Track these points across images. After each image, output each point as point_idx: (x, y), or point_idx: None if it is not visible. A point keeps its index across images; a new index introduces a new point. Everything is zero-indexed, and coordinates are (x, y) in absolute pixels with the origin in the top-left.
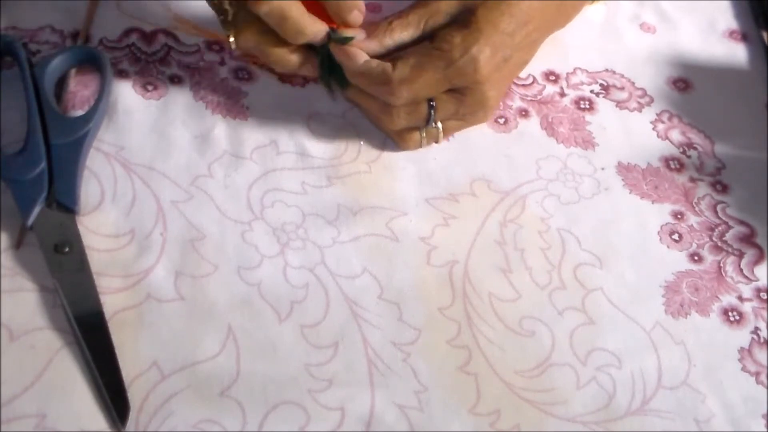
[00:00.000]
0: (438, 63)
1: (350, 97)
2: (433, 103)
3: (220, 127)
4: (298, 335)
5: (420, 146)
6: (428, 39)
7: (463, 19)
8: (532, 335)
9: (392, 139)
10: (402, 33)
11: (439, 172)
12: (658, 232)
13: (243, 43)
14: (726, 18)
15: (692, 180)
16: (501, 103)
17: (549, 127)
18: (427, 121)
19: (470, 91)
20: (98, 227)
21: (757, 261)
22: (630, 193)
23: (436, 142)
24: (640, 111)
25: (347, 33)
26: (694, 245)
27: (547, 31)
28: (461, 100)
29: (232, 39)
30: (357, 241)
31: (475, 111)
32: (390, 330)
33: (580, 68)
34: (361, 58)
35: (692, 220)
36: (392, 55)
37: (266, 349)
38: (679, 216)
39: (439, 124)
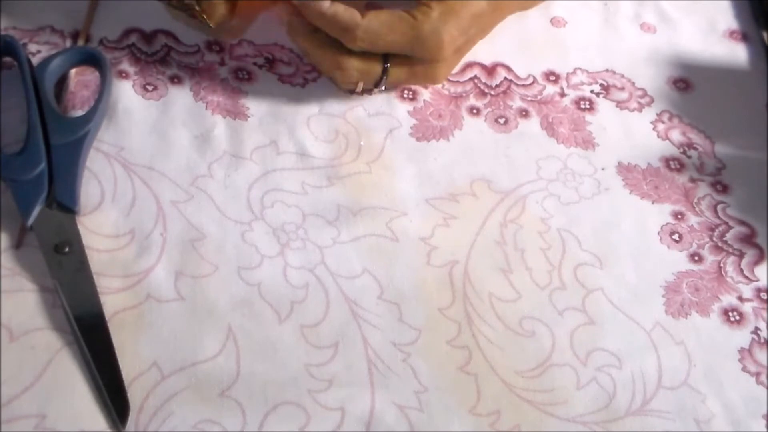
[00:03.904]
0: (407, 29)
1: (300, 45)
2: (387, 65)
3: (220, 128)
4: (298, 335)
5: (353, 92)
6: None
7: None
8: (532, 335)
9: (332, 81)
10: None
11: (439, 172)
12: (659, 233)
13: (220, 20)
14: (726, 18)
15: (692, 180)
16: (502, 104)
17: (549, 128)
18: (377, 84)
19: (424, 65)
20: (98, 227)
21: (758, 261)
22: (630, 193)
23: (369, 93)
24: (641, 111)
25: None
26: (695, 245)
27: (508, 14)
28: (413, 72)
29: (212, 24)
30: (357, 241)
31: (422, 83)
32: (390, 330)
33: (580, 68)
34: (326, 6)
35: (692, 220)
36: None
37: (266, 349)
38: (679, 216)
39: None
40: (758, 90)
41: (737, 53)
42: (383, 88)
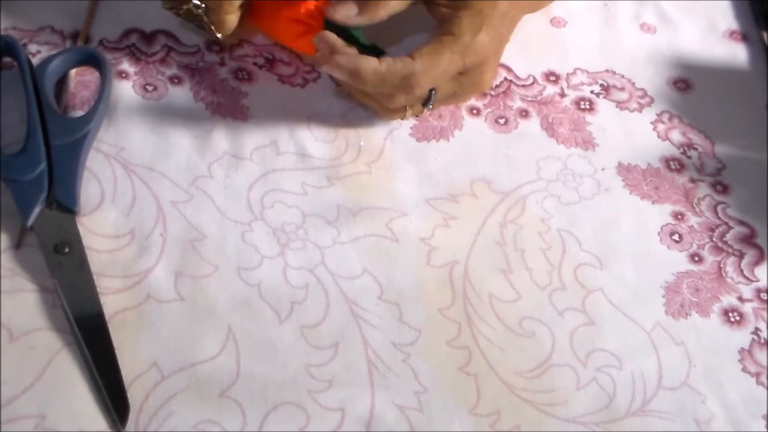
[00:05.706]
0: (453, 47)
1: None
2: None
3: (220, 128)
4: (298, 336)
5: (403, 119)
6: (423, 2)
7: None
8: (532, 336)
9: (374, 111)
10: (396, 3)
11: (439, 172)
12: (659, 233)
13: (228, 32)
14: (726, 18)
15: (692, 180)
16: (502, 104)
17: (549, 128)
18: (426, 102)
19: (470, 73)
20: (98, 228)
21: (758, 261)
22: (630, 193)
23: (419, 115)
24: (641, 111)
25: (340, 8)
26: (695, 246)
27: (528, 10)
28: (460, 82)
29: (219, 35)
30: (357, 241)
31: (470, 92)
32: (390, 330)
33: (580, 69)
34: (377, 65)
35: (692, 220)
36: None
37: (266, 349)
38: (679, 216)
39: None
40: (758, 90)
41: (737, 53)
42: (430, 106)
